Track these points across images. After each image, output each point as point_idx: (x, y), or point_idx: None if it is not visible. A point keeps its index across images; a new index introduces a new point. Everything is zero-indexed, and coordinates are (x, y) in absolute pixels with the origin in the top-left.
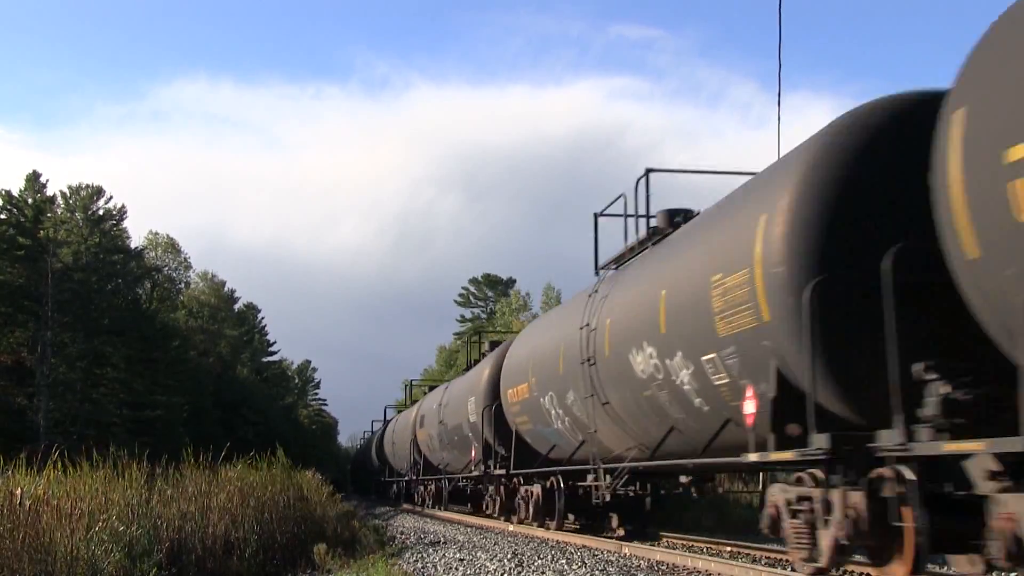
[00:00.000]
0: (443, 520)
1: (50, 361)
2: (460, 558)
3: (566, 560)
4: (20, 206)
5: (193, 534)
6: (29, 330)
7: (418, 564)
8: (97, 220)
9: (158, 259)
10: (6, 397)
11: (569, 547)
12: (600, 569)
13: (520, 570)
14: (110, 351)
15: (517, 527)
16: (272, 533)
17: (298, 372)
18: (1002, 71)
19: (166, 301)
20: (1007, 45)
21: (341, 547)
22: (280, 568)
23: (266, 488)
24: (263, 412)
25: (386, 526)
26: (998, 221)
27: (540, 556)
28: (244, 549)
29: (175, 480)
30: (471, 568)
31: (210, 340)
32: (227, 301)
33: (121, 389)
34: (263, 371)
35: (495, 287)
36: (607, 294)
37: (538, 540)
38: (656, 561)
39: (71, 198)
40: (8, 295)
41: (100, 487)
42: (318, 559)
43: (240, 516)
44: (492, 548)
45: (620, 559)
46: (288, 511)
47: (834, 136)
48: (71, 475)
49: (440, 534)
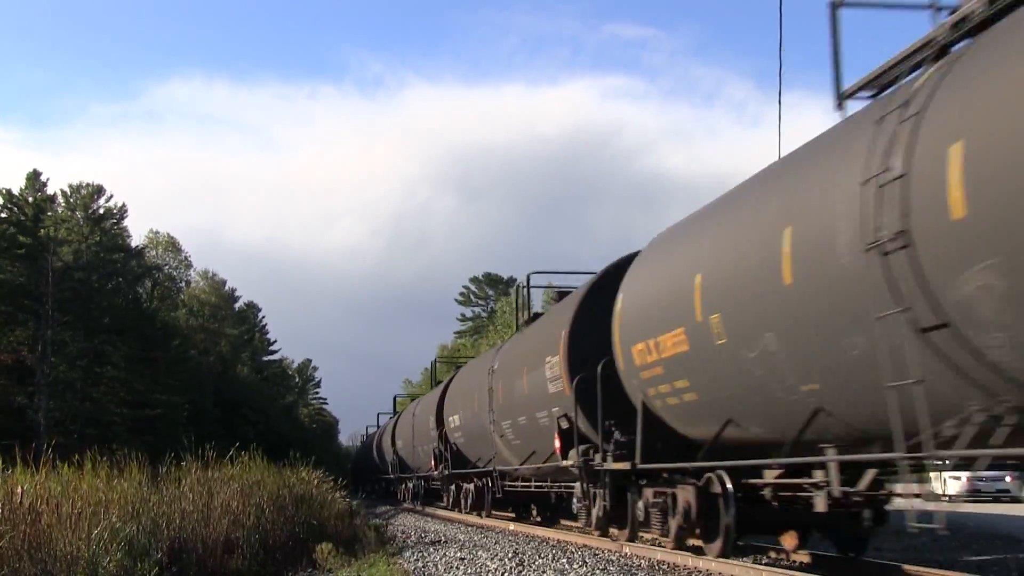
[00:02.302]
0: (443, 519)
1: (50, 360)
2: (461, 557)
3: (567, 559)
4: (20, 205)
5: (194, 533)
6: (29, 329)
7: (419, 563)
8: (97, 219)
9: (158, 258)
10: (6, 396)
11: (570, 547)
12: (601, 568)
13: (521, 569)
14: (110, 350)
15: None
16: (273, 532)
17: (298, 371)
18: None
19: (166, 300)
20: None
21: (342, 546)
22: (281, 567)
23: (267, 487)
24: (264, 411)
25: (386, 525)
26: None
27: (541, 555)
28: (245, 548)
29: (176, 479)
30: (472, 567)
31: (210, 339)
32: (227, 300)
33: (121, 388)
34: (263, 370)
35: (495, 286)
36: None
37: (539, 539)
38: (657, 561)
39: (71, 197)
40: (8, 294)
41: (100, 486)
42: (319, 558)
43: (241, 515)
44: (493, 547)
45: (621, 558)
46: (289, 510)
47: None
48: (71, 474)
49: (441, 533)
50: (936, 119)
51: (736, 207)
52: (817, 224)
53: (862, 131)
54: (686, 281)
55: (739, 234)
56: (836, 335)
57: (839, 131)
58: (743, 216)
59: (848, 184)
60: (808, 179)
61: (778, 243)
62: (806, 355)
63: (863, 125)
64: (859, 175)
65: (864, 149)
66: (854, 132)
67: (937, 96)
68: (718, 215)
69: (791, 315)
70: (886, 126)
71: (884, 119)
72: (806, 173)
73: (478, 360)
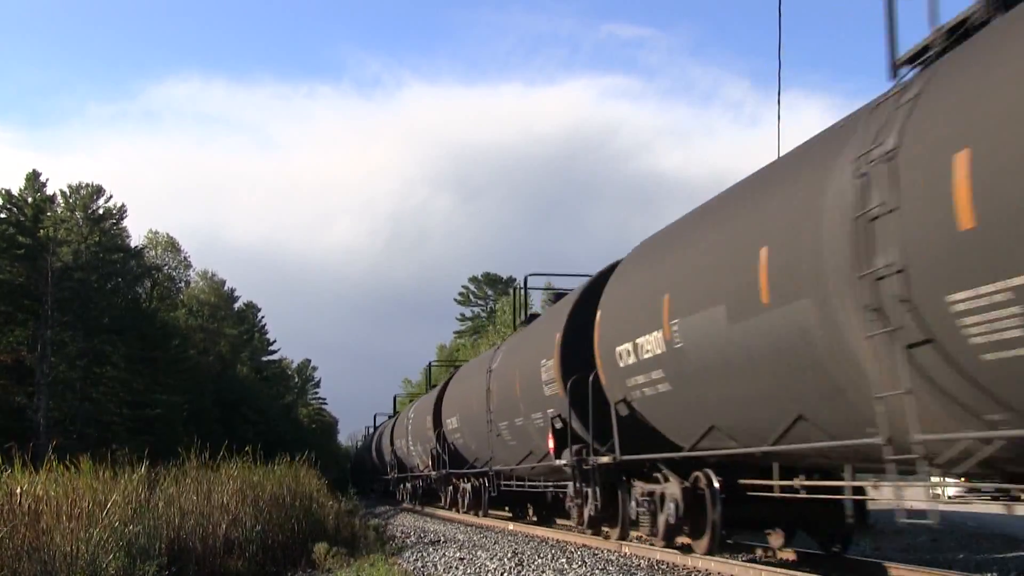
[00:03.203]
0: (443, 519)
1: (50, 360)
2: (460, 557)
3: (566, 559)
4: (20, 205)
5: (194, 533)
6: (29, 329)
7: (418, 563)
8: (97, 219)
9: (158, 258)
10: (6, 396)
11: (569, 546)
12: (600, 568)
13: (520, 569)
14: (110, 350)
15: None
16: (272, 532)
17: (298, 371)
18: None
19: (166, 300)
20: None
21: (341, 546)
22: (280, 567)
23: (266, 487)
24: (263, 411)
25: (386, 525)
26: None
27: (540, 555)
28: (244, 548)
29: (175, 479)
30: (471, 567)
31: (210, 339)
32: (227, 300)
33: (121, 388)
34: (263, 370)
35: (495, 285)
36: None
37: (538, 539)
38: (656, 560)
39: (71, 197)
40: (8, 294)
41: (100, 486)
42: (318, 558)
43: (241, 515)
44: (492, 547)
45: (620, 558)
46: (289, 510)
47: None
48: (70, 474)
49: (440, 533)
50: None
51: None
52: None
53: (840, 166)
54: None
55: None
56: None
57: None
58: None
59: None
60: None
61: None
62: None
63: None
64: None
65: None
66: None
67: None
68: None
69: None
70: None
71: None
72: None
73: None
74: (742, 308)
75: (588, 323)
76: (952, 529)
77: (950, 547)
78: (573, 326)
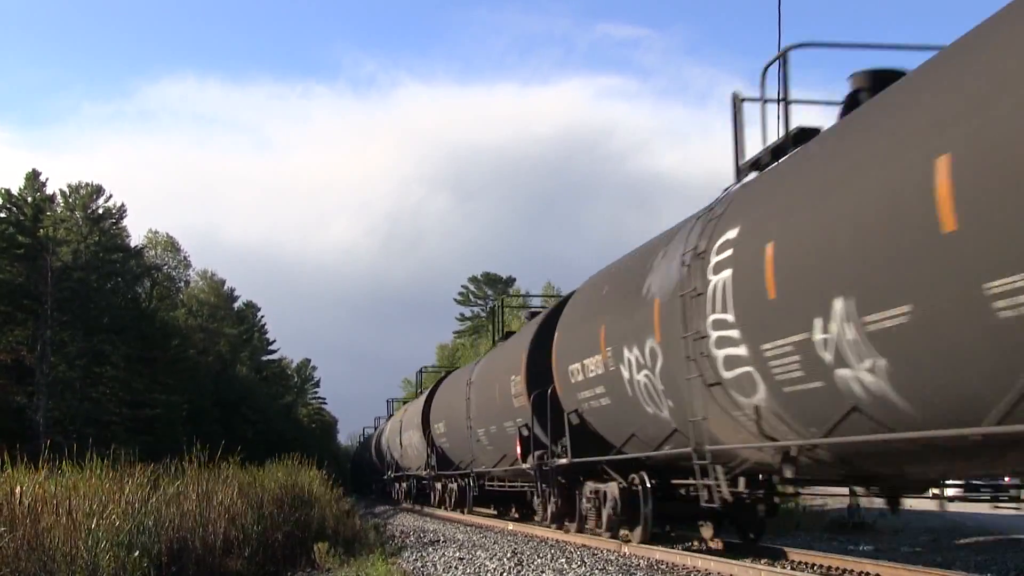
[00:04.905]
0: (442, 519)
1: (49, 360)
2: (460, 557)
3: (566, 559)
4: (19, 204)
5: (193, 533)
6: (28, 329)
7: (418, 563)
8: (96, 219)
9: (157, 258)
10: (5, 396)
11: (569, 546)
12: (599, 568)
13: (520, 569)
14: (109, 350)
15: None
16: (272, 531)
17: (297, 371)
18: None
19: (165, 300)
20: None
21: (341, 546)
22: (280, 566)
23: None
24: (263, 411)
25: (385, 525)
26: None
27: (539, 555)
28: (244, 548)
29: (175, 479)
30: (471, 567)
31: (209, 339)
32: (226, 300)
33: (120, 388)
34: (262, 370)
35: (494, 285)
36: None
37: (537, 539)
38: (656, 560)
39: (70, 197)
40: (8, 294)
41: (100, 486)
42: (318, 558)
43: (240, 515)
44: (491, 547)
45: (620, 558)
46: (288, 510)
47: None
48: (70, 474)
49: (440, 533)
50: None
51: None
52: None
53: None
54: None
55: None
56: None
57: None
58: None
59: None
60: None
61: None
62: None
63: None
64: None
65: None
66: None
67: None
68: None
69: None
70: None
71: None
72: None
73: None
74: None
75: (550, 343)
76: (952, 529)
77: (950, 547)
78: (538, 345)
